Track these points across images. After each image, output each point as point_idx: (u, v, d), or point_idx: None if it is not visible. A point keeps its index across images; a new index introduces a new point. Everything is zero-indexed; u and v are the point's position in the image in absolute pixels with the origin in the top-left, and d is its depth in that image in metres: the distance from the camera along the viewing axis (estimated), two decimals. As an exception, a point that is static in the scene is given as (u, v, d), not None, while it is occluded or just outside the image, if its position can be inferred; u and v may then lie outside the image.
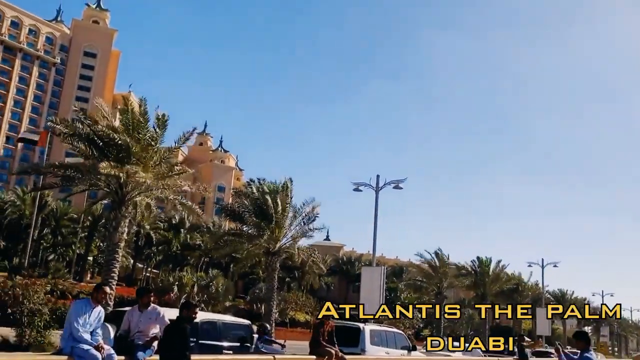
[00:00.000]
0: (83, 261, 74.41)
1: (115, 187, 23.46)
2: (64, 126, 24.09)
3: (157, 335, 9.58)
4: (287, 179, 32.86)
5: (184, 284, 50.70)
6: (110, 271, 23.74)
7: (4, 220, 69.54)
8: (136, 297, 9.59)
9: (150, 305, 9.87)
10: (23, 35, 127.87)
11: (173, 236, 78.70)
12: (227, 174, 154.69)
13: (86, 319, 8.65)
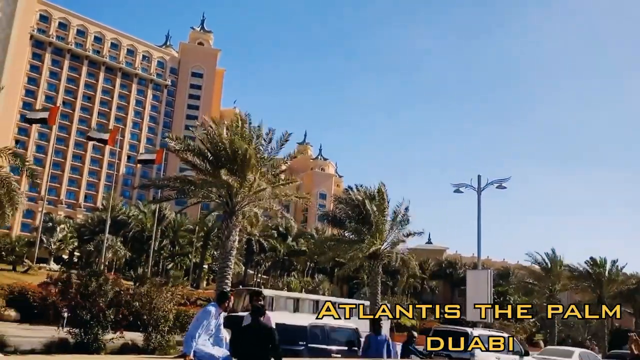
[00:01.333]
0: (199, 269, 78.92)
1: (226, 199, 24.79)
2: (177, 143, 25.91)
3: None
4: (381, 184, 33.06)
5: (292, 289, 52.22)
6: (224, 278, 24.99)
7: (128, 233, 75.69)
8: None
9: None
10: (138, 61, 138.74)
11: (280, 243, 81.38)
12: (327, 181, 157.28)
13: (209, 324, 9.24)
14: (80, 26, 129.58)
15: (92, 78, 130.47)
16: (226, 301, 9.67)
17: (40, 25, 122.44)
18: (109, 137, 59.20)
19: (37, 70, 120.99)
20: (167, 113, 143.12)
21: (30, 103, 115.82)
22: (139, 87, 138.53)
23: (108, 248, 64.90)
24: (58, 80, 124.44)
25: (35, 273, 49.24)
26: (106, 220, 60.49)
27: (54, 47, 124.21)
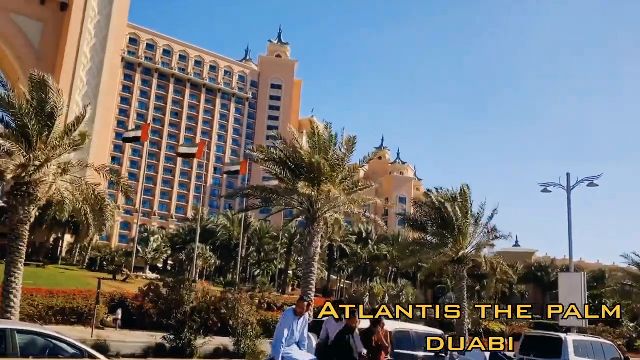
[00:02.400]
0: (284, 275, 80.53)
1: (307, 206, 25.22)
2: (260, 153, 26.73)
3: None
4: (464, 185, 32.20)
5: (375, 294, 52.04)
6: (308, 283, 25.39)
7: (217, 241, 78.70)
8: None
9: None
10: (220, 77, 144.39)
11: (361, 248, 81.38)
12: (406, 185, 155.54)
13: (292, 329, 9.51)
14: (166, 46, 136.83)
15: (179, 95, 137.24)
16: (304, 306, 9.87)
17: (130, 48, 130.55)
18: (196, 150, 62.21)
19: (129, 90, 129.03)
20: (249, 125, 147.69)
21: (124, 121, 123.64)
22: (222, 101, 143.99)
23: (199, 256, 67.86)
24: (148, 99, 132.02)
25: (133, 281, 52.24)
26: (196, 230, 63.35)
27: (143, 67, 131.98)
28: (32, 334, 9.30)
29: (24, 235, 19.71)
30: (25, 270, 21.05)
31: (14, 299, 19.31)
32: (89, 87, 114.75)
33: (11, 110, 19.34)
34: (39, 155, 19.42)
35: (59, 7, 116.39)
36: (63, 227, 67.33)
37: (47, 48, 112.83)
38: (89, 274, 57.92)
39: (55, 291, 35.66)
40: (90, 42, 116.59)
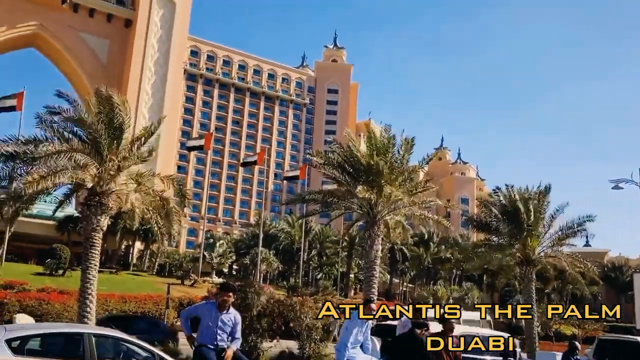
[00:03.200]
0: (346, 278, 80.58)
1: (367, 209, 25.17)
2: (318, 158, 26.93)
3: None
4: (542, 184, 30.89)
5: (439, 297, 51.17)
6: (370, 287, 25.31)
7: (279, 246, 79.79)
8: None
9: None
10: (278, 84, 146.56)
11: (423, 251, 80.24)
12: (468, 185, 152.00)
13: (355, 332, 9.51)
14: (225, 57, 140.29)
15: (239, 104, 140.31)
16: (367, 309, 9.81)
17: (192, 60, 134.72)
18: (257, 158, 63.61)
19: (192, 101, 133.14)
20: (307, 130, 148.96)
21: (188, 132, 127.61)
22: (280, 108, 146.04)
23: (262, 260, 69.02)
24: (210, 109, 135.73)
25: (201, 286, 53.81)
26: (259, 235, 64.49)
27: (205, 78, 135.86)
28: (108, 337, 9.62)
29: (98, 243, 20.66)
30: (99, 276, 22.05)
31: (89, 304, 20.23)
32: (154, 99, 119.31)
33: (84, 125, 20.38)
34: (110, 167, 20.33)
35: (124, 23, 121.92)
36: (133, 234, 70.22)
37: (114, 63, 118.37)
38: (159, 279, 60.14)
39: (127, 296, 37.26)
40: (153, 56, 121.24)
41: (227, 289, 8.85)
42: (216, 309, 8.59)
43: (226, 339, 8.56)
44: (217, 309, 8.58)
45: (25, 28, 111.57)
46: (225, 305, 8.61)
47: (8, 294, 33.34)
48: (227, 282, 9.49)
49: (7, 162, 19.70)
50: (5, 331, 8.61)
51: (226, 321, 8.59)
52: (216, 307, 8.61)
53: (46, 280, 43.40)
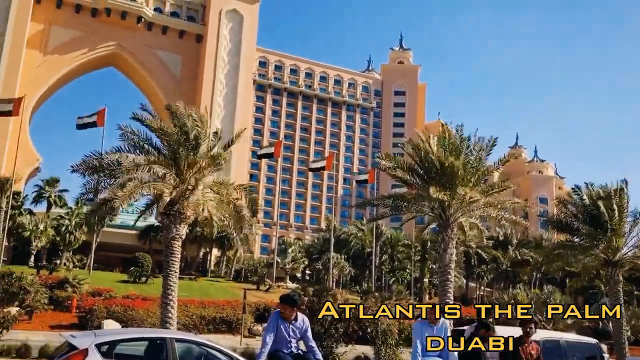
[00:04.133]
0: (420, 283, 79.33)
1: (439, 212, 24.68)
2: (387, 161, 26.73)
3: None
4: (620, 181, 29.23)
5: (519, 302, 49.28)
6: (445, 291, 24.75)
7: (350, 250, 79.79)
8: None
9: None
10: (344, 89, 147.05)
11: (501, 253, 77.64)
12: (546, 184, 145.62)
13: (424, 337, 9.33)
14: (292, 65, 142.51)
15: (307, 111, 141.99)
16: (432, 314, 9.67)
17: (260, 70, 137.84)
18: (326, 163, 64.06)
19: (261, 110, 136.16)
20: (375, 134, 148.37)
21: (258, 140, 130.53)
22: (348, 113, 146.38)
23: (334, 265, 69.30)
24: (278, 117, 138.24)
25: (275, 291, 54.67)
26: (330, 240, 64.82)
27: (273, 87, 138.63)
28: (189, 342, 9.87)
29: (177, 251, 21.55)
30: (179, 283, 22.94)
31: (171, 309, 21.10)
32: (225, 111, 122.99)
33: (163, 138, 21.37)
34: (187, 178, 21.20)
35: (195, 39, 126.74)
36: (210, 242, 72.55)
37: (187, 78, 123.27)
38: (235, 284, 61.67)
39: (206, 302, 38.46)
40: (224, 69, 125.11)
41: (286, 302, 8.89)
42: (283, 320, 8.76)
43: (296, 343, 8.75)
44: (284, 320, 8.75)
45: (105, 49, 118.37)
46: (289, 318, 8.77)
47: (96, 301, 35.37)
48: (288, 295, 9.34)
49: (93, 175, 20.96)
50: (95, 336, 9.07)
51: (295, 329, 8.78)
52: (283, 319, 8.77)
53: (130, 288, 45.56)
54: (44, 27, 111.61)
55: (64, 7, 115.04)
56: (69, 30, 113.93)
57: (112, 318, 32.11)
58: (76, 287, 38.89)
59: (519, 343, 9.76)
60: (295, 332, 8.76)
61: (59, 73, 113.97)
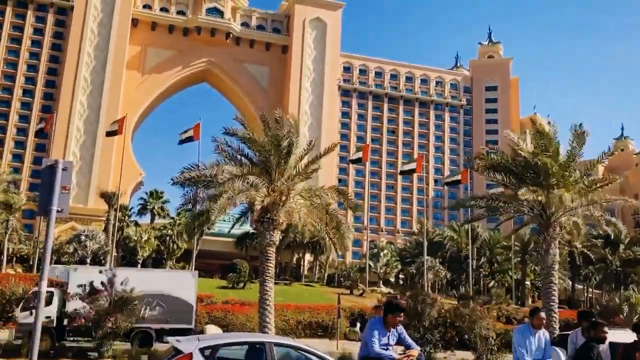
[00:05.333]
0: (521, 286, 75.89)
1: (538, 211, 23.45)
2: (479, 161, 25.78)
3: None
4: None
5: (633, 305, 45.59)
6: (549, 294, 23.48)
7: (445, 253, 77.88)
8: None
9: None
10: (432, 88, 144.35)
11: (609, 253, 72.46)
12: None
13: (529, 345, 8.91)
14: (377, 68, 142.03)
15: (393, 113, 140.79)
16: (535, 319, 9.19)
17: (345, 76, 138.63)
18: (415, 166, 63.08)
19: (347, 115, 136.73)
20: (466, 132, 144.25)
21: (345, 145, 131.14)
22: (436, 112, 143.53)
23: (428, 269, 67.93)
24: (365, 121, 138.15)
25: (369, 296, 54.48)
26: (423, 243, 63.66)
27: (358, 92, 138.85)
28: (287, 347, 10.01)
29: (272, 257, 22.06)
30: (275, 288, 23.43)
31: (268, 314, 21.60)
32: (312, 118, 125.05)
33: (256, 148, 22.07)
34: (279, 186, 21.72)
35: (281, 50, 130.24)
36: (303, 247, 73.77)
37: (275, 88, 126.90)
38: (329, 289, 62.15)
39: (301, 306, 38.96)
40: (310, 77, 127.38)
41: (396, 309, 8.70)
42: (384, 327, 8.57)
43: (392, 349, 8.64)
44: (385, 328, 8.56)
45: (197, 65, 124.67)
46: (395, 325, 8.59)
47: (199, 307, 36.93)
48: (393, 300, 9.21)
49: (191, 187, 22.04)
50: (199, 340, 9.40)
51: (394, 336, 8.67)
52: (383, 326, 8.58)
53: (229, 293, 47.19)
54: (140, 49, 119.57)
55: (158, 28, 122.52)
56: (164, 51, 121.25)
57: (214, 323, 33.30)
58: (180, 293, 40.81)
59: (634, 349, 9.04)
60: (394, 339, 8.65)
61: (157, 91, 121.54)
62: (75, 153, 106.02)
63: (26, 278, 34.30)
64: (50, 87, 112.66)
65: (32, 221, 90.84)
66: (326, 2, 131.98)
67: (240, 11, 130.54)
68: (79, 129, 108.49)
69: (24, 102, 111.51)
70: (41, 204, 10.30)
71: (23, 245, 76.68)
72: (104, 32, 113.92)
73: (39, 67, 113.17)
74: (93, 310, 21.78)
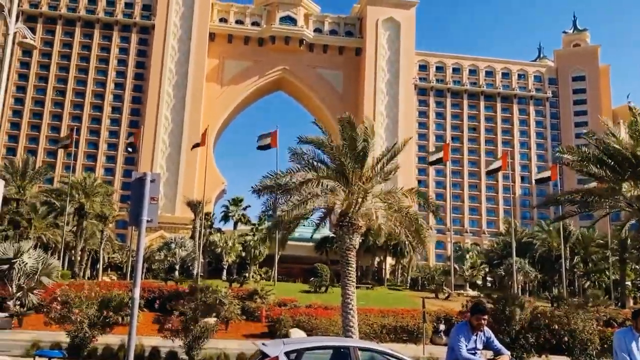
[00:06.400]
0: (621, 286, 70.93)
1: (638, 206, 21.79)
2: (569, 155, 24.29)
3: None
4: None
5: None
6: (655, 295, 21.72)
7: (535, 253, 74.26)
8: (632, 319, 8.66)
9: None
10: (514, 81, 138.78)
11: None
12: None
13: (633, 349, 8.27)
14: (454, 64, 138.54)
15: (474, 109, 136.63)
16: (639, 321, 8.42)
17: (421, 74, 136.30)
18: (500, 163, 60.79)
19: (424, 114, 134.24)
20: (553, 126, 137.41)
21: (424, 145, 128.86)
22: (519, 106, 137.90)
23: (518, 271, 65.01)
24: (443, 119, 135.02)
25: (455, 299, 52.84)
26: (511, 244, 61.02)
27: (435, 89, 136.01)
28: (372, 351, 10.05)
29: (352, 261, 21.85)
30: (357, 292, 23.18)
31: (352, 318, 21.41)
32: (388, 119, 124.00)
33: (331, 153, 22.01)
34: (356, 190, 21.50)
35: (354, 53, 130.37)
36: (384, 250, 72.96)
37: (349, 92, 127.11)
38: (413, 293, 61.04)
39: (385, 311, 38.39)
40: (384, 78, 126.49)
41: (481, 311, 8.62)
42: (470, 331, 8.49)
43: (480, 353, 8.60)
44: (471, 332, 8.49)
45: (273, 74, 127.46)
46: (481, 328, 8.53)
47: (282, 311, 37.34)
48: (477, 302, 9.38)
49: (271, 194, 22.35)
50: (284, 344, 9.58)
51: (481, 340, 8.61)
52: (470, 330, 8.51)
53: (312, 297, 47.41)
54: (218, 62, 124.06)
55: (234, 41, 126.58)
56: (240, 62, 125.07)
57: (298, 327, 33.60)
58: (264, 298, 41.52)
59: None
60: (481, 343, 8.59)
61: (235, 102, 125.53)
62: (161, 165, 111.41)
63: (120, 285, 36.09)
64: (136, 103, 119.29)
65: (124, 231, 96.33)
66: (399, 1, 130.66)
67: (312, 17, 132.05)
68: (164, 141, 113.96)
69: (113, 118, 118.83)
70: (132, 214, 10.83)
71: (117, 254, 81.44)
72: (183, 48, 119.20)
73: (125, 84, 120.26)
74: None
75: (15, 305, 33.26)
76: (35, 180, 66.43)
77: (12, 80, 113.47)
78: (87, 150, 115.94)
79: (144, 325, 29.68)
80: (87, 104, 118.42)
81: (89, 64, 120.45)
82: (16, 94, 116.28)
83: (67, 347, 19.47)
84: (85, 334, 19.63)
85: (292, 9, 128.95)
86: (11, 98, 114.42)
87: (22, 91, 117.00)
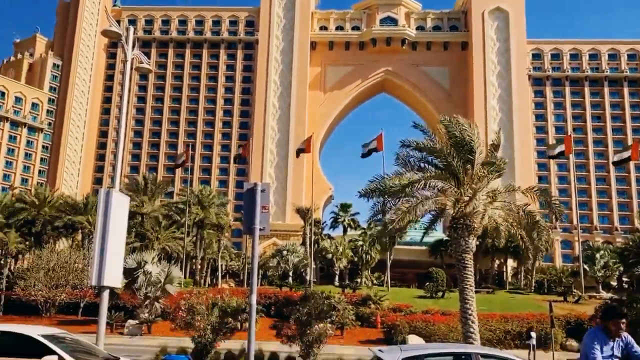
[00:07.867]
0: None
1: None
2: None
3: None
4: None
5: None
6: None
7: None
8: None
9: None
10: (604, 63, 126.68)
11: None
12: None
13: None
14: (572, 50, 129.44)
15: (597, 97, 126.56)
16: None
17: (535, 64, 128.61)
18: (630, 152, 55.47)
19: (541, 106, 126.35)
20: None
21: (543, 138, 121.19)
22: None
23: (659, 270, 58.55)
24: (563, 109, 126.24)
25: (586, 302, 48.68)
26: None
27: (552, 79, 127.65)
28: (495, 358, 9.70)
29: (469, 264, 20.69)
30: (477, 296, 21.95)
31: (472, 324, 20.36)
32: (502, 113, 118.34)
33: (436, 154, 21.03)
34: (467, 189, 20.39)
35: (460, 47, 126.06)
36: (503, 252, 69.12)
37: (457, 88, 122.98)
38: (538, 297, 57.15)
39: (508, 315, 36.33)
40: (494, 71, 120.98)
41: (618, 316, 7.89)
42: (606, 337, 7.87)
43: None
44: (607, 338, 7.87)
45: (375, 77, 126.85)
46: (618, 334, 7.87)
47: (398, 317, 36.49)
48: (613, 306, 8.92)
49: (378, 197, 21.76)
50: (401, 351, 9.41)
51: (619, 347, 7.96)
52: (606, 336, 7.88)
53: (428, 303, 45.94)
54: (320, 70, 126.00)
55: (335, 47, 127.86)
56: (342, 67, 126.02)
57: (415, 333, 32.76)
58: (378, 303, 40.85)
59: None
60: (619, 350, 7.94)
61: (339, 107, 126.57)
62: (270, 174, 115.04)
63: (238, 292, 37.25)
64: (244, 116, 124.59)
65: (239, 239, 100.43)
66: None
67: (414, 15, 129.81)
68: (272, 151, 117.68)
69: (224, 132, 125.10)
70: (246, 223, 11.49)
71: (234, 261, 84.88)
72: (286, 59, 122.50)
73: (234, 99, 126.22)
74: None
75: (144, 312, 35.50)
76: (157, 195, 71.07)
77: (132, 103, 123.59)
78: (201, 164, 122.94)
79: (262, 331, 30.36)
80: (200, 121, 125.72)
81: (199, 82, 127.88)
82: (136, 115, 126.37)
83: (192, 351, 20.25)
84: (208, 339, 20.30)
85: (392, 10, 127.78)
86: (132, 120, 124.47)
87: (141, 112, 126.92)
